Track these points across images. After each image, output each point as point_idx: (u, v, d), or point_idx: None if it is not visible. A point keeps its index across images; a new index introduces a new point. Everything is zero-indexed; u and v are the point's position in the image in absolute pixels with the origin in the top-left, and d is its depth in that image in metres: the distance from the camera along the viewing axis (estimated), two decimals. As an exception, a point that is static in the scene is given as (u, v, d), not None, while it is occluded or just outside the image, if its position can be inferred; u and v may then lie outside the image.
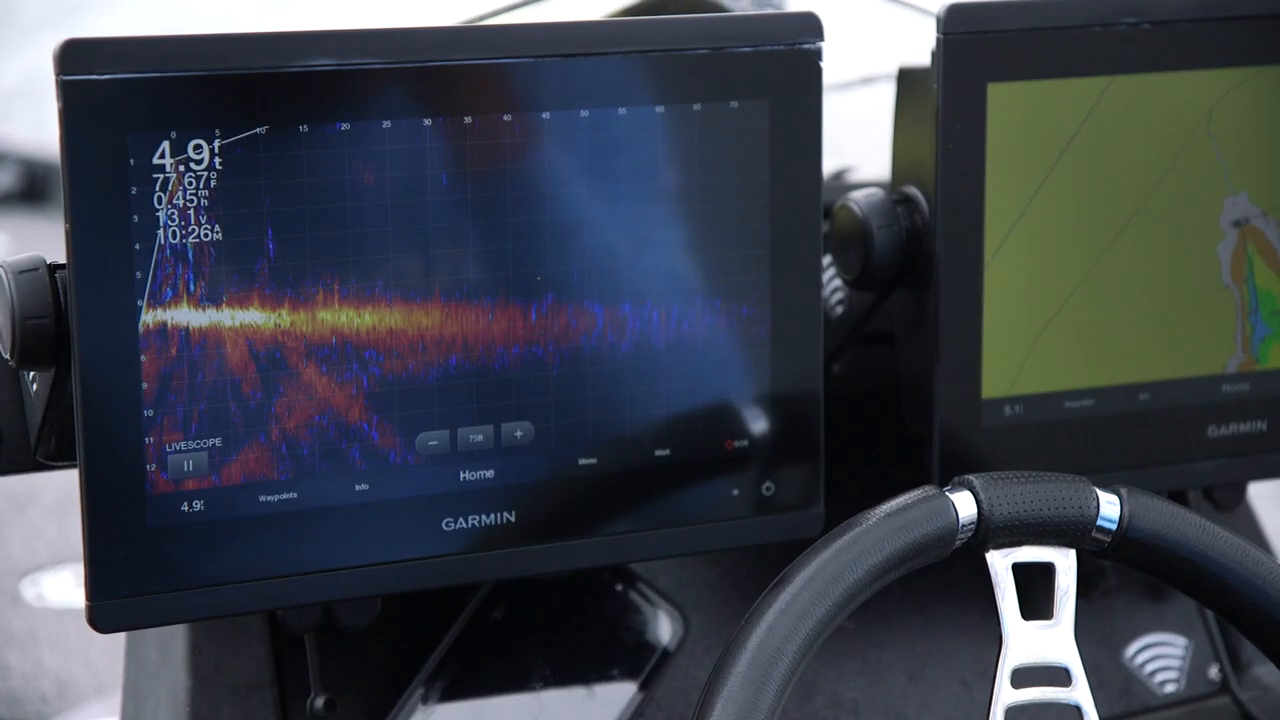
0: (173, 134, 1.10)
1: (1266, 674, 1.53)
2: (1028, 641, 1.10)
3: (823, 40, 1.24)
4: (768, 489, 1.27)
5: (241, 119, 1.11)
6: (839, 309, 1.43)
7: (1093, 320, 1.34)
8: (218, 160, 1.11)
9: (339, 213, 1.14)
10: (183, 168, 1.11)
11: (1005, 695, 1.09)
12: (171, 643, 1.34)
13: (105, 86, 1.08)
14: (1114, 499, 1.13)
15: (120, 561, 1.12)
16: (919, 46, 1.31)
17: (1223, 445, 1.39)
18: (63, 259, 1.11)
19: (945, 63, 1.27)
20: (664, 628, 1.42)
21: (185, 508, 1.14)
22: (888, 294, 1.35)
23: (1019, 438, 1.33)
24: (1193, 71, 1.32)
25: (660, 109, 1.20)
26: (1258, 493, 1.57)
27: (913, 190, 1.32)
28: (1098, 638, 1.51)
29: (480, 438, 1.20)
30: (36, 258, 1.14)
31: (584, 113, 1.19)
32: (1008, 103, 1.29)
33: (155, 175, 1.10)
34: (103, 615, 1.13)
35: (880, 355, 1.42)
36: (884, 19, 1.79)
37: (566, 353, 1.20)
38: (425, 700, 1.34)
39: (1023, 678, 1.10)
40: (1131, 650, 1.52)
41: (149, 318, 1.11)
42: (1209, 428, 1.38)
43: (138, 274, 1.10)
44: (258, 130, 1.12)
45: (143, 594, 1.13)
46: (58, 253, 1.13)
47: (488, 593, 1.37)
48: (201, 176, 1.11)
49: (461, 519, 1.20)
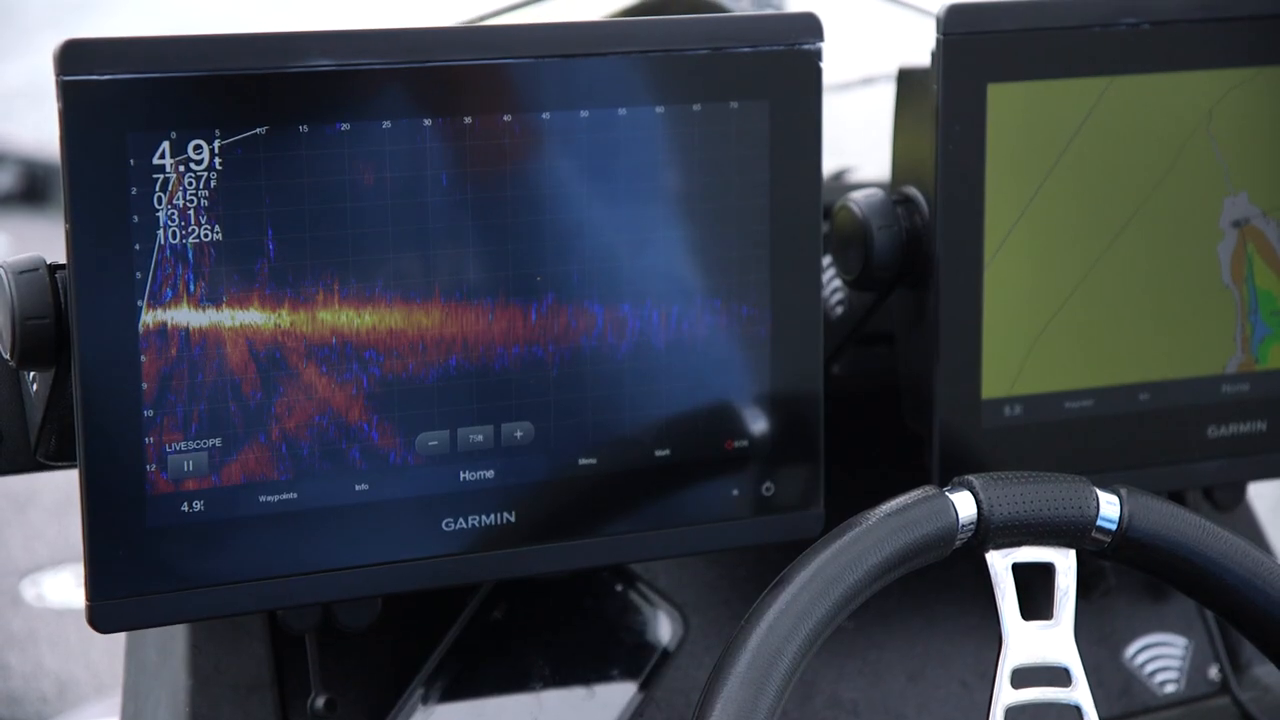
0: (173, 134, 1.10)
1: (1266, 674, 1.53)
2: (1028, 642, 1.10)
3: (822, 41, 1.24)
4: (767, 489, 1.27)
5: (241, 119, 1.11)
6: (839, 309, 1.43)
7: (1093, 320, 1.34)
8: (218, 160, 1.11)
9: (339, 213, 1.14)
10: (183, 168, 1.11)
11: (1005, 695, 1.09)
12: (171, 643, 1.34)
13: (105, 87, 1.08)
14: (1114, 499, 1.13)
15: (120, 561, 1.12)
16: (919, 47, 1.31)
17: (1222, 445, 1.38)
18: (63, 259, 1.11)
19: (945, 63, 1.27)
20: (664, 628, 1.42)
21: (185, 508, 1.14)
22: (887, 294, 1.35)
23: (1019, 438, 1.33)
24: (1192, 72, 1.32)
25: (660, 109, 1.20)
26: (1257, 493, 1.57)
27: (913, 190, 1.32)
28: (1098, 638, 1.51)
29: (480, 438, 1.20)
30: (36, 258, 1.14)
31: (584, 113, 1.19)
32: (1007, 103, 1.29)
33: (155, 175, 1.10)
34: (103, 615, 1.13)
35: (880, 355, 1.42)
36: (884, 19, 1.79)
37: (566, 353, 1.20)
38: (425, 700, 1.34)
39: (1023, 678, 1.10)
40: (1131, 650, 1.52)
41: (149, 318, 1.11)
42: (1209, 428, 1.38)
43: (138, 274, 1.10)
44: (258, 130, 1.12)
45: (143, 594, 1.13)
46: (58, 253, 1.13)
47: (488, 593, 1.37)
48: (201, 177, 1.11)
49: (461, 519, 1.20)
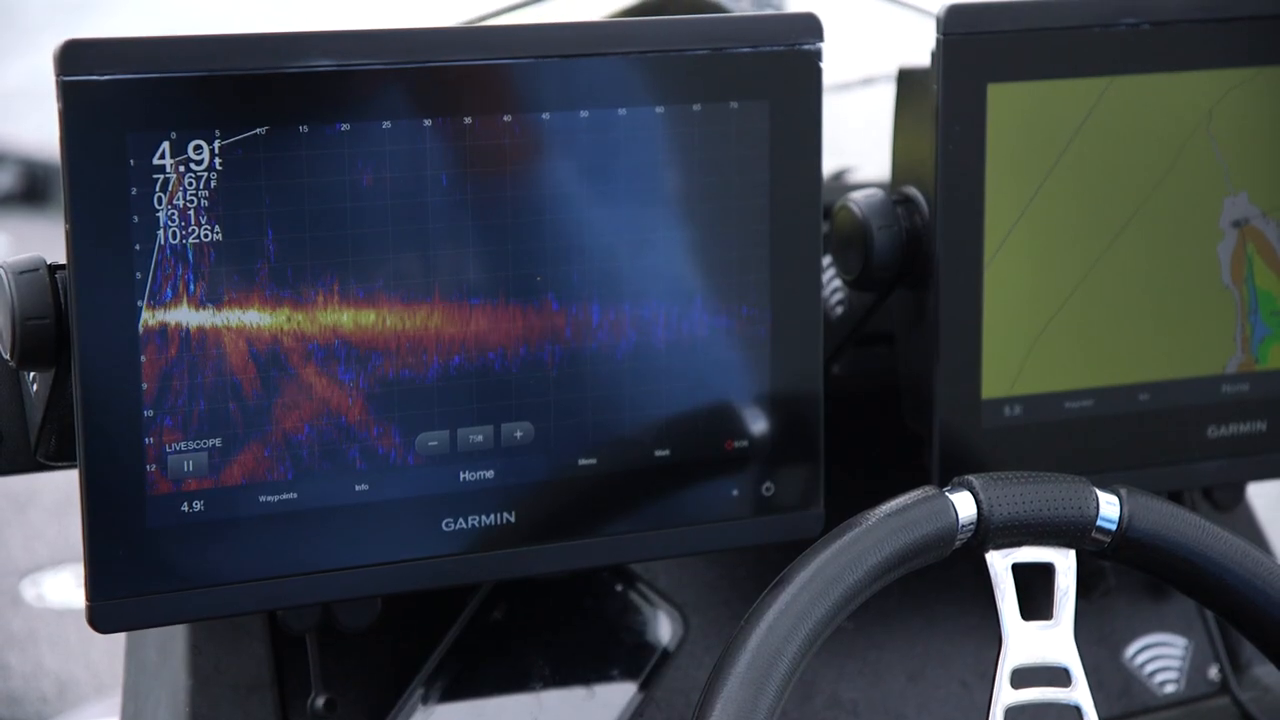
0: (173, 134, 1.10)
1: (1266, 674, 1.53)
2: (1027, 642, 1.10)
3: (822, 41, 1.24)
4: (767, 489, 1.27)
5: (241, 119, 1.11)
6: (839, 309, 1.43)
7: (1092, 320, 1.34)
8: (218, 161, 1.11)
9: (339, 213, 1.14)
10: (183, 168, 1.11)
11: (1005, 695, 1.09)
12: (171, 643, 1.34)
13: (105, 87, 1.08)
14: (1113, 499, 1.13)
15: (120, 562, 1.12)
16: (919, 47, 1.31)
17: (1222, 446, 1.38)
18: (63, 259, 1.11)
19: (945, 63, 1.27)
20: (664, 628, 1.42)
21: (185, 508, 1.14)
22: (887, 294, 1.35)
23: (1019, 438, 1.33)
24: (1192, 72, 1.32)
25: (660, 109, 1.20)
26: (1257, 493, 1.57)
27: (913, 191, 1.32)
28: (1097, 638, 1.51)
29: (480, 438, 1.20)
30: (37, 258, 1.14)
31: (584, 113, 1.19)
32: (1008, 103, 1.29)
33: (155, 176, 1.10)
34: (103, 615, 1.13)
35: (880, 355, 1.42)
36: (884, 20, 1.79)
37: (566, 353, 1.20)
38: (425, 700, 1.34)
39: (1022, 678, 1.10)
40: (1131, 650, 1.52)
41: (149, 318, 1.11)
42: (1209, 428, 1.38)
43: (138, 274, 1.10)
44: (258, 131, 1.12)
45: (143, 594, 1.13)
46: (58, 253, 1.13)
47: (488, 593, 1.37)
48: (201, 177, 1.11)
49: (461, 519, 1.20)
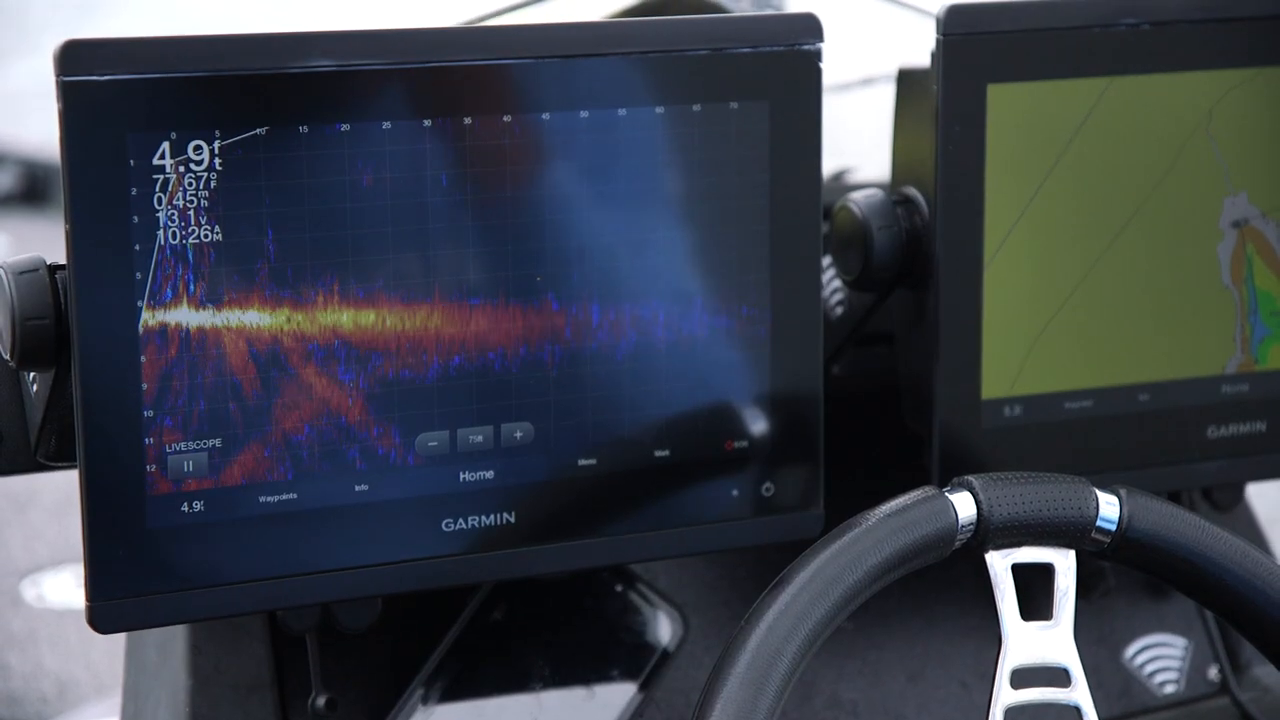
0: (173, 135, 1.10)
1: (1266, 675, 1.53)
2: (1027, 642, 1.10)
3: (822, 41, 1.24)
4: (767, 489, 1.27)
5: (241, 120, 1.11)
6: (839, 309, 1.43)
7: (1092, 321, 1.34)
8: (218, 161, 1.11)
9: (339, 213, 1.14)
10: (183, 168, 1.11)
11: (1005, 696, 1.09)
12: (172, 643, 1.34)
13: (105, 87, 1.08)
14: (1113, 500, 1.13)
15: (120, 562, 1.12)
16: (919, 47, 1.31)
17: (1222, 446, 1.38)
18: (63, 260, 1.11)
19: (945, 64, 1.27)
20: (664, 628, 1.42)
21: (185, 508, 1.14)
22: (887, 294, 1.35)
23: (1019, 438, 1.33)
24: (1192, 72, 1.32)
25: (660, 110, 1.20)
26: (1257, 493, 1.57)
27: (912, 191, 1.32)
28: (1097, 638, 1.51)
29: (480, 438, 1.20)
30: (37, 258, 1.14)
31: (584, 113, 1.19)
32: (1007, 103, 1.29)
33: (155, 176, 1.10)
34: (103, 616, 1.13)
35: (880, 356, 1.42)
36: (883, 20, 1.79)
37: (566, 353, 1.20)
38: (425, 700, 1.34)
39: (1022, 678, 1.10)
40: (1131, 651, 1.52)
41: (149, 318, 1.11)
42: (1208, 428, 1.38)
43: (138, 275, 1.10)
44: (258, 131, 1.12)
45: (143, 594, 1.13)
46: (58, 253, 1.13)
47: (488, 593, 1.37)
48: (201, 177, 1.11)
49: (461, 519, 1.20)
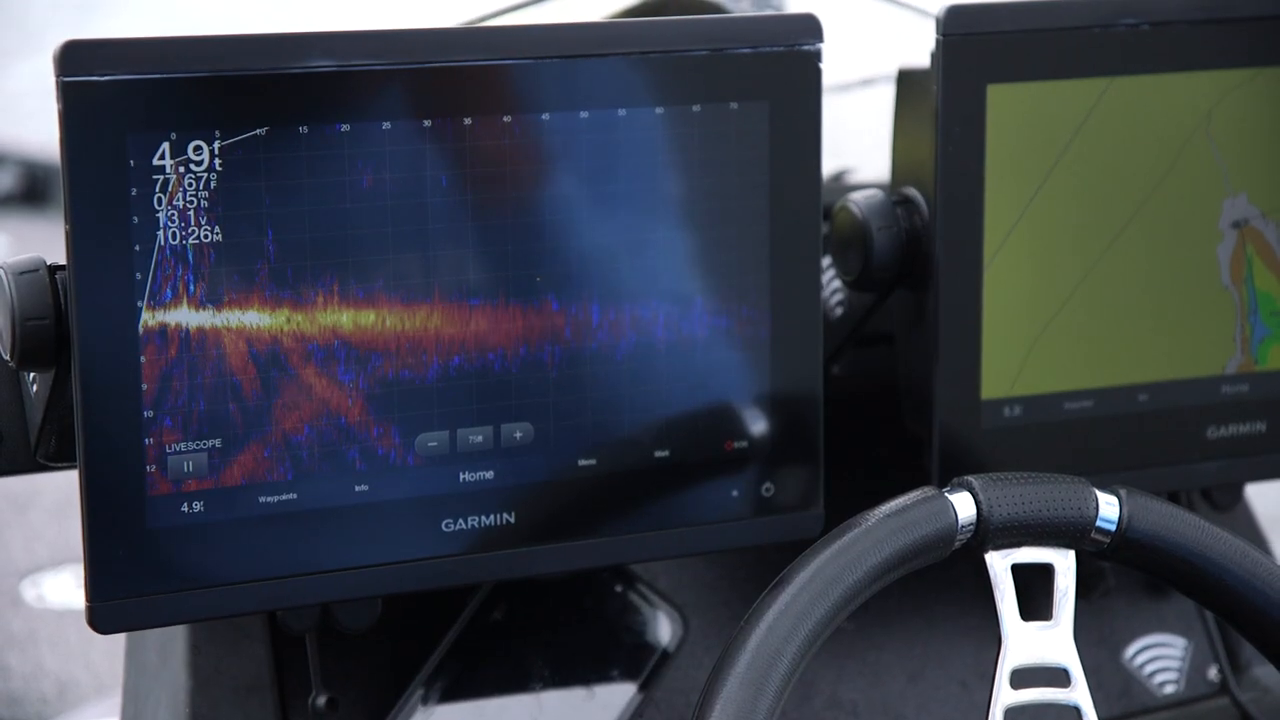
0: (172, 135, 1.10)
1: (1266, 675, 1.53)
2: (1027, 642, 1.10)
3: (822, 42, 1.24)
4: (767, 490, 1.27)
5: (241, 120, 1.11)
6: (838, 310, 1.43)
7: (1092, 321, 1.34)
8: (218, 161, 1.11)
9: (339, 214, 1.14)
10: (183, 169, 1.11)
11: (1004, 696, 1.09)
12: (172, 643, 1.34)
13: (105, 88, 1.08)
14: (1113, 500, 1.13)
15: (120, 562, 1.12)
16: (918, 48, 1.31)
17: (1222, 446, 1.39)
18: (63, 260, 1.11)
19: (945, 64, 1.27)
20: (663, 628, 1.42)
21: (185, 508, 1.14)
22: (887, 295, 1.35)
23: (1018, 439, 1.33)
24: (1192, 73, 1.32)
25: (660, 110, 1.20)
26: (1257, 493, 1.57)
27: (912, 191, 1.32)
28: (1097, 638, 1.51)
29: (480, 439, 1.20)
30: (37, 259, 1.14)
31: (584, 114, 1.19)
32: (1007, 104, 1.29)
33: (155, 176, 1.10)
34: (103, 616, 1.13)
35: (880, 356, 1.42)
36: (883, 20, 1.79)
37: (566, 353, 1.20)
38: (425, 701, 1.34)
39: (1022, 678, 1.10)
40: (1131, 651, 1.52)
41: (149, 319, 1.11)
42: (1208, 429, 1.38)
43: (138, 275, 1.10)
44: (258, 131, 1.12)
45: (143, 595, 1.13)
46: (58, 254, 1.13)
47: (487, 593, 1.37)
48: (201, 178, 1.11)
49: (461, 520, 1.20)
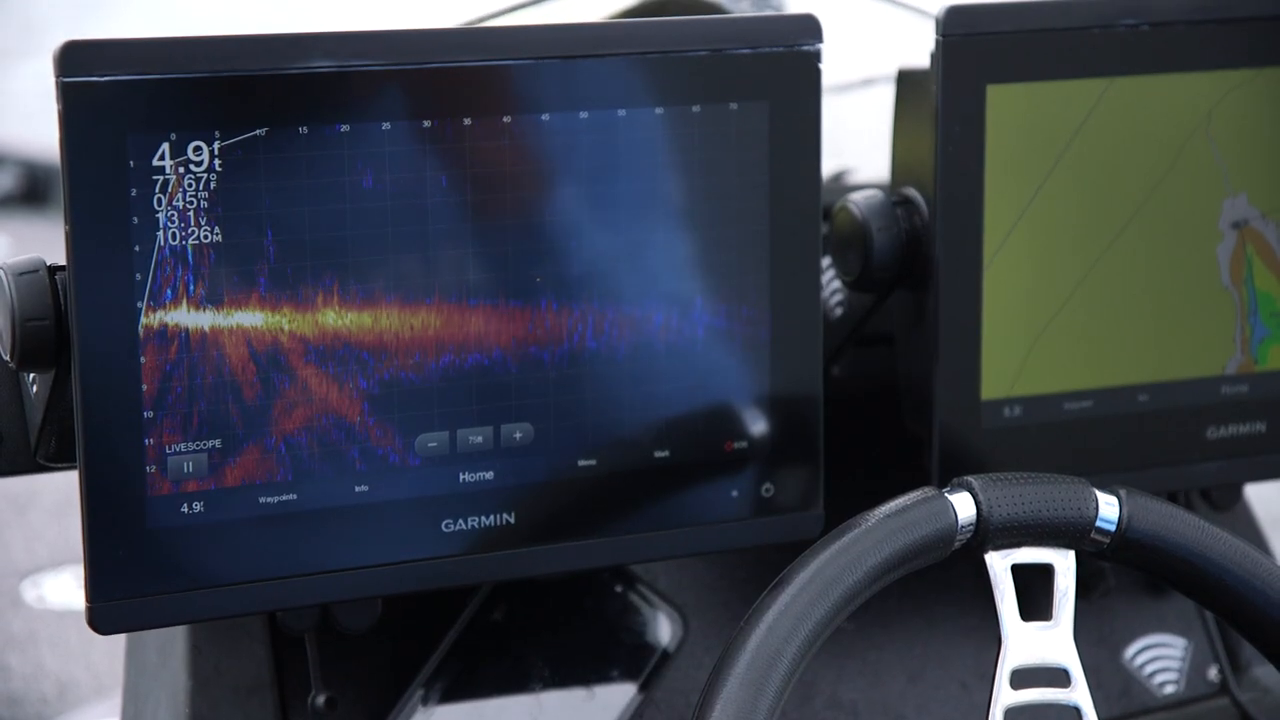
0: (172, 136, 1.10)
1: (1266, 675, 1.53)
2: (1027, 642, 1.10)
3: (822, 42, 1.24)
4: (767, 490, 1.27)
5: (241, 121, 1.11)
6: (838, 310, 1.43)
7: (1092, 322, 1.34)
8: (217, 162, 1.11)
9: (338, 214, 1.14)
10: (182, 169, 1.11)
11: (1004, 696, 1.09)
12: (172, 644, 1.34)
13: (105, 88, 1.08)
14: (1113, 500, 1.13)
15: (120, 563, 1.12)
16: (918, 48, 1.31)
17: (1222, 447, 1.38)
18: (63, 261, 1.11)
19: (944, 64, 1.27)
20: (663, 629, 1.42)
21: (185, 509, 1.14)
22: (887, 295, 1.35)
23: (1018, 439, 1.33)
24: (1192, 73, 1.32)
25: (660, 111, 1.20)
26: (1257, 494, 1.57)
27: (912, 192, 1.32)
28: (1097, 639, 1.51)
29: (480, 439, 1.20)
30: (36, 259, 1.14)
31: (583, 114, 1.19)
32: (1007, 104, 1.29)
33: (155, 177, 1.10)
34: (103, 616, 1.13)
35: (880, 357, 1.42)
36: (883, 21, 1.79)
37: (566, 354, 1.20)
38: (425, 701, 1.34)
39: (1022, 679, 1.10)
40: (1131, 651, 1.52)
41: (149, 319, 1.11)
42: (1208, 429, 1.38)
43: (137, 275, 1.10)
44: (257, 132, 1.12)
45: (143, 595, 1.13)
46: (58, 254, 1.13)
47: (487, 594, 1.37)
48: (201, 178, 1.11)
49: (461, 520, 1.20)
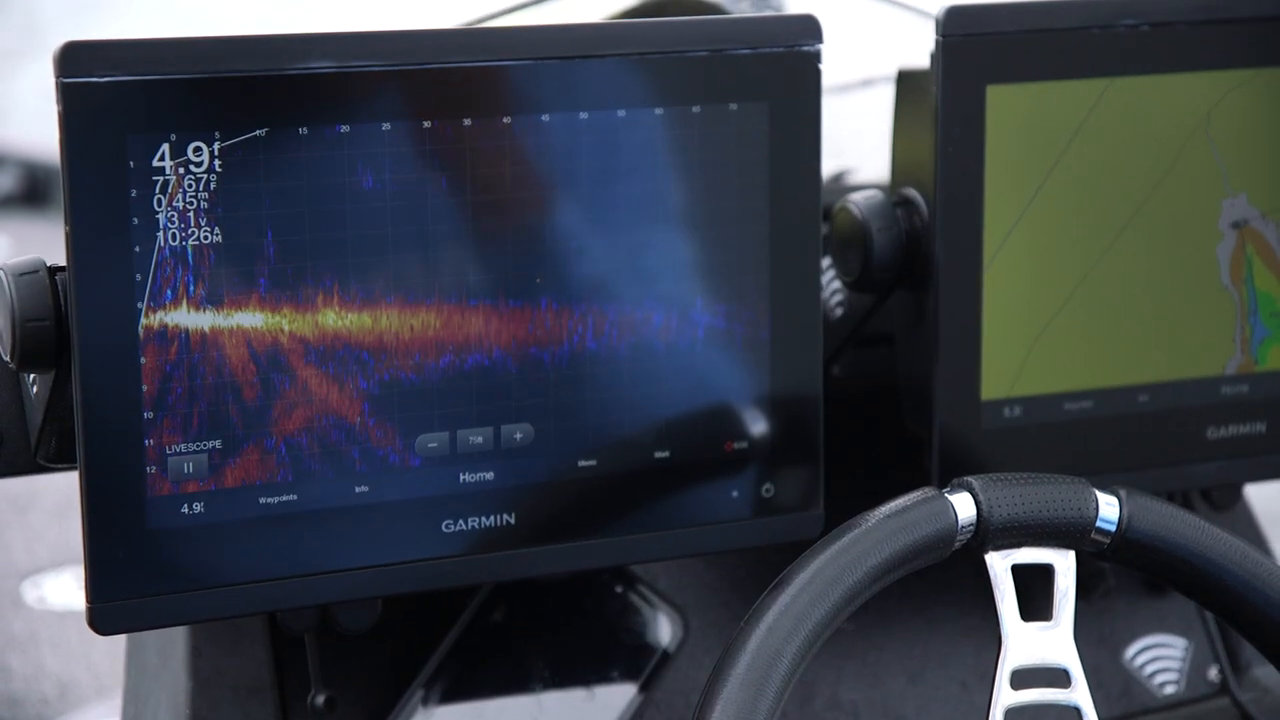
0: (172, 136, 1.10)
1: (1266, 675, 1.53)
2: (1027, 643, 1.10)
3: (822, 42, 1.24)
4: (767, 490, 1.27)
5: (241, 121, 1.11)
6: (838, 311, 1.43)
7: (1092, 322, 1.34)
8: (217, 163, 1.11)
9: (338, 215, 1.14)
10: (182, 170, 1.11)
11: (1005, 697, 1.09)
12: (172, 645, 1.34)
13: (105, 89, 1.08)
14: (1113, 500, 1.13)
15: (120, 563, 1.12)
16: (918, 49, 1.31)
17: (1222, 447, 1.38)
18: (63, 261, 1.11)
19: (944, 65, 1.27)
20: (664, 629, 1.42)
21: (185, 510, 1.14)
22: (887, 296, 1.35)
23: (1018, 439, 1.33)
24: (1191, 73, 1.32)
25: (659, 111, 1.20)
26: (1256, 494, 1.57)
27: (912, 192, 1.32)
28: (1097, 639, 1.51)
29: (480, 439, 1.20)
30: (37, 260, 1.14)
31: (583, 115, 1.19)
32: (1007, 105, 1.29)
33: (155, 178, 1.10)
34: (103, 617, 1.13)
35: (880, 357, 1.42)
36: (883, 21, 1.79)
37: (566, 354, 1.20)
38: (425, 702, 1.34)
39: (1022, 679, 1.10)
40: (1131, 651, 1.52)
41: (149, 320, 1.11)
42: (1208, 429, 1.38)
43: (137, 276, 1.10)
44: (257, 132, 1.12)
45: (143, 596, 1.13)
46: (58, 255, 1.13)
47: (488, 594, 1.37)
48: (201, 179, 1.11)
49: (461, 521, 1.20)
